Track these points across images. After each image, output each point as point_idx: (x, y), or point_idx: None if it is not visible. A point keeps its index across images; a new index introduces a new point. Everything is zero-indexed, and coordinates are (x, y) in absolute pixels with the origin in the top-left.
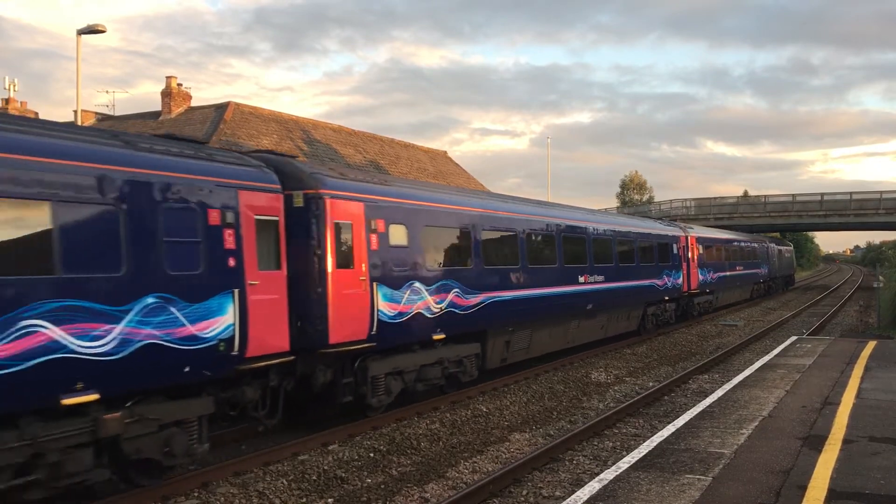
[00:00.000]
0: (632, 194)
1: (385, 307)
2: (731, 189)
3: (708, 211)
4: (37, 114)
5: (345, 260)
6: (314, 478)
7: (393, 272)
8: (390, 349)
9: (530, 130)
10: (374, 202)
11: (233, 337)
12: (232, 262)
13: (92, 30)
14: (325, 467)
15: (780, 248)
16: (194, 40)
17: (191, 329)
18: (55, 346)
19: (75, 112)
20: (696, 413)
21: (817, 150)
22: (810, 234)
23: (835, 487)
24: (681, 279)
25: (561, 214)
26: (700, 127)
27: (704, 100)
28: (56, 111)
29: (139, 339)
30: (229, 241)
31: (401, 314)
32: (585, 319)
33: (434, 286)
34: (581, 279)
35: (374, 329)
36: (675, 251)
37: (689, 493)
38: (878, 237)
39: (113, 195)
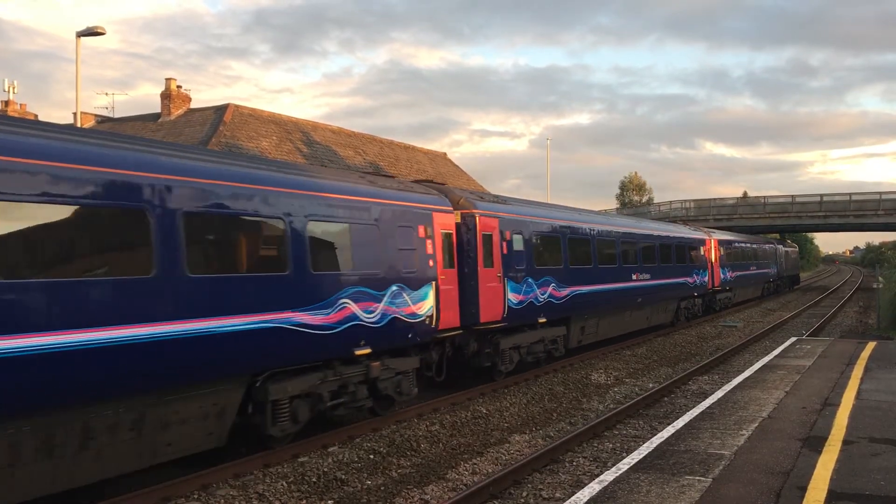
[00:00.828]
0: (631, 195)
1: (511, 297)
2: (730, 190)
3: (707, 212)
4: (36, 116)
5: (488, 261)
6: (314, 479)
7: (516, 270)
8: (512, 329)
9: (530, 132)
10: (504, 217)
11: (433, 314)
12: (431, 264)
13: (91, 32)
14: (325, 469)
15: (786, 249)
16: (194, 42)
17: (414, 307)
18: (353, 316)
19: (75, 114)
20: (695, 414)
21: (817, 151)
22: (810, 235)
23: (835, 488)
24: (707, 277)
25: (619, 223)
26: (699, 128)
27: (704, 101)
28: (55, 113)
29: (389, 314)
30: (429, 248)
31: (521, 302)
32: (636, 310)
33: (540, 281)
34: (633, 277)
35: (505, 313)
36: (702, 253)
37: (689, 495)
38: (877, 238)
39: (375, 218)
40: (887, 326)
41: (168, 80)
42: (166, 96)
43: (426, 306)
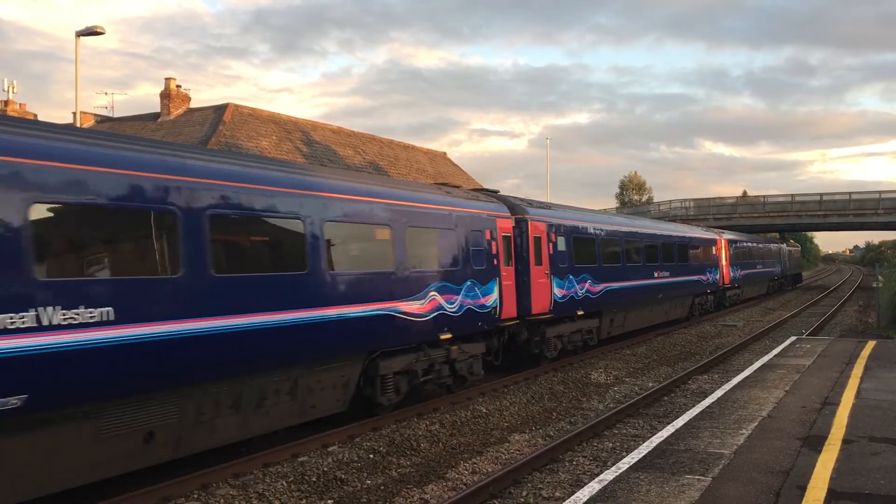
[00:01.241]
0: (631, 195)
1: (557, 291)
2: (730, 189)
3: (707, 211)
4: (36, 115)
5: (538, 260)
6: (314, 479)
7: (560, 268)
8: (556, 320)
9: (529, 131)
10: (550, 222)
11: (497, 306)
12: (495, 262)
13: (91, 32)
14: (325, 468)
15: (790, 249)
16: (193, 42)
17: (483, 300)
18: (439, 306)
19: (74, 114)
20: (695, 413)
21: (816, 150)
22: (809, 234)
23: (834, 488)
24: (718, 275)
25: (642, 225)
26: (699, 127)
27: (703, 100)
28: (55, 113)
29: (465, 305)
30: (493, 249)
31: (564, 296)
32: (657, 305)
33: (579, 278)
34: (655, 274)
35: (552, 306)
36: (713, 252)
37: (689, 494)
38: (877, 237)
39: (454, 224)
40: (887, 325)
41: (167, 79)
42: (166, 96)
43: (492, 299)
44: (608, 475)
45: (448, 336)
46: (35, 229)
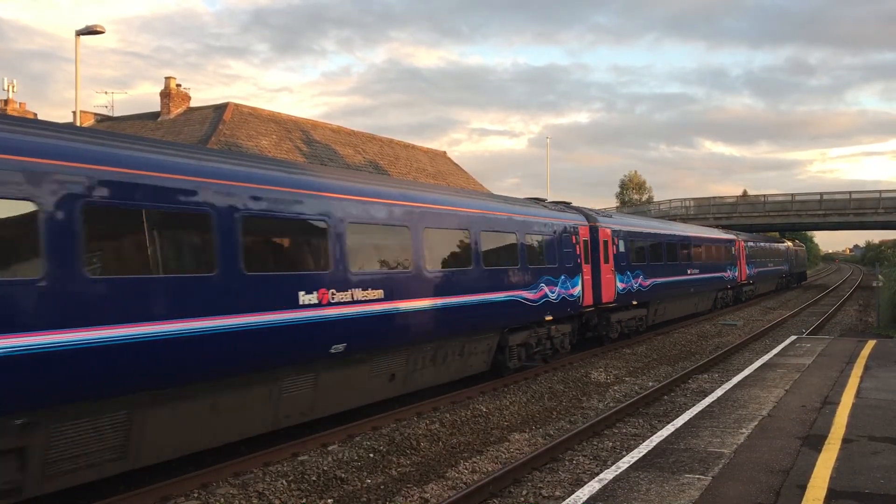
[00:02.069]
0: (631, 194)
1: (619, 285)
2: (729, 189)
3: (707, 211)
4: (36, 115)
5: (606, 259)
6: (314, 478)
7: (621, 266)
8: (618, 308)
9: (528, 131)
10: (614, 228)
11: (580, 295)
12: (578, 261)
13: (91, 31)
14: (325, 468)
15: (796, 249)
16: (192, 41)
17: (572, 290)
18: (545, 295)
19: (74, 113)
20: (695, 413)
21: (815, 149)
22: (809, 233)
23: (834, 487)
24: (737, 273)
25: (678, 229)
26: (698, 127)
27: (702, 100)
28: (54, 112)
29: (561, 294)
30: (578, 250)
31: (624, 289)
32: (689, 298)
33: (633, 273)
34: (689, 272)
35: (616, 297)
36: (733, 252)
37: (689, 493)
38: (877, 236)
39: (554, 231)
40: (887, 325)
41: (167, 78)
42: (166, 95)
43: (577, 290)
44: (608, 474)
45: (549, 318)
46: (352, 245)
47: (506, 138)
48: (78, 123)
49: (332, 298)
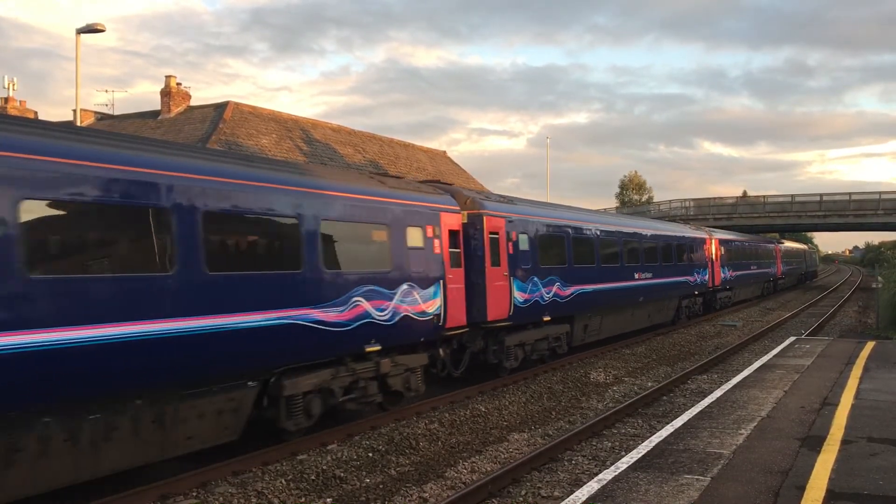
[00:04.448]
0: (631, 194)
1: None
2: (729, 190)
3: (707, 211)
4: (36, 113)
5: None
6: (313, 477)
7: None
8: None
9: (528, 131)
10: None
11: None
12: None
13: (91, 29)
14: (324, 467)
15: (810, 250)
16: (191, 40)
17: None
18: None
19: (74, 111)
20: (694, 413)
21: (815, 151)
22: (809, 234)
23: (833, 488)
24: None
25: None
26: (697, 128)
27: (701, 101)
28: (54, 111)
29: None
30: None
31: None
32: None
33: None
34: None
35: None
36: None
37: (688, 494)
38: (876, 238)
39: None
40: (886, 326)
41: (168, 77)
42: (166, 93)
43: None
44: (607, 475)
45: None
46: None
47: (505, 138)
48: (78, 122)
49: None
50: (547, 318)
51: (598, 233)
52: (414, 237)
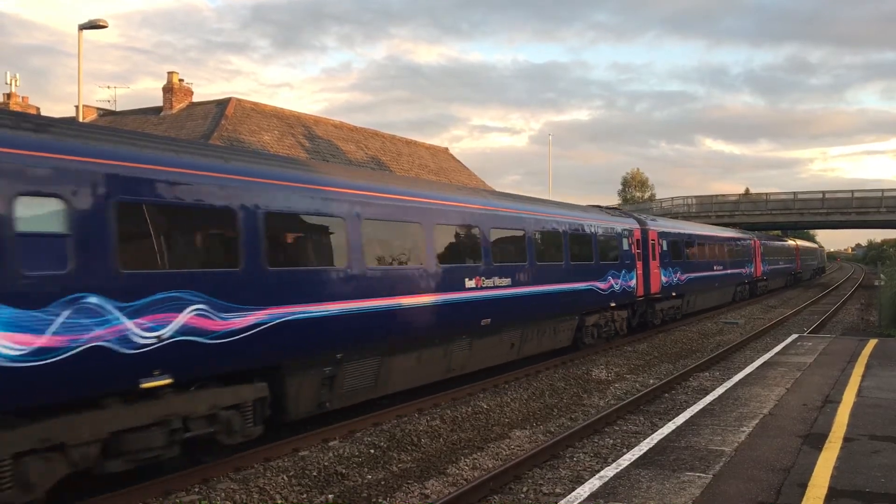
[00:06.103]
0: (633, 192)
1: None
2: (731, 187)
3: (709, 209)
4: (38, 109)
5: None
6: (315, 474)
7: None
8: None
9: (529, 128)
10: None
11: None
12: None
13: (93, 25)
14: (326, 463)
15: (820, 249)
16: (193, 37)
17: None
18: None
19: (77, 108)
20: (696, 411)
21: (816, 148)
22: (812, 232)
23: (835, 486)
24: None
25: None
26: (699, 125)
27: (703, 98)
28: (56, 107)
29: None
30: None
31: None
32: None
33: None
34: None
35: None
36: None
37: (690, 491)
38: (879, 235)
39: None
40: (888, 324)
41: (170, 73)
42: (168, 90)
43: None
44: (609, 472)
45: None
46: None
47: (507, 135)
48: (80, 118)
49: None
50: (674, 295)
51: (697, 237)
52: (627, 243)
